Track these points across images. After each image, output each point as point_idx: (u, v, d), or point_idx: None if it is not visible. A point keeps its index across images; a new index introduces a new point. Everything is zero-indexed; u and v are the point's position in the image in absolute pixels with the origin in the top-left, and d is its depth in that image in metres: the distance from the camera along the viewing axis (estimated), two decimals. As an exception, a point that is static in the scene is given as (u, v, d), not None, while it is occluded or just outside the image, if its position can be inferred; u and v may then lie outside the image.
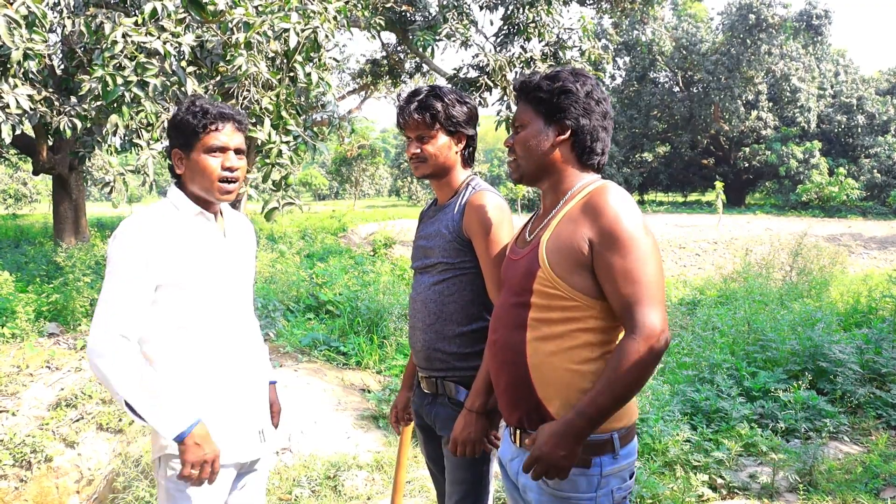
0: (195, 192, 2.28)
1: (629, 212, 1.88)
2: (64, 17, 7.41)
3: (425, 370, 2.57)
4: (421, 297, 2.56)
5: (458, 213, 2.47)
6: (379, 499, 4.33)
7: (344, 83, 19.67)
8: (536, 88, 2.04)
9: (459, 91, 2.58)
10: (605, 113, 2.04)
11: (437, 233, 2.53)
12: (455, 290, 2.49)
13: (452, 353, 2.49)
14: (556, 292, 1.94)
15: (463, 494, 2.47)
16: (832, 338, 6.10)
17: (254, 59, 6.17)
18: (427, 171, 2.53)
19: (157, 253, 2.13)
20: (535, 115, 2.05)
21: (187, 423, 2.12)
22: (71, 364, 5.79)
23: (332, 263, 11.64)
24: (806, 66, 40.33)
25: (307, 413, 5.37)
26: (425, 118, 2.47)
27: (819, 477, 4.26)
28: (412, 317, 2.61)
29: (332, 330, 7.55)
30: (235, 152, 2.28)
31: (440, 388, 2.53)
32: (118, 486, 4.53)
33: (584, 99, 2.00)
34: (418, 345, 2.56)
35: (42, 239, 14.65)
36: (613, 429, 1.93)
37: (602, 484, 1.93)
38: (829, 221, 29.87)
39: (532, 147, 2.05)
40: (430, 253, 2.55)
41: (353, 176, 47.64)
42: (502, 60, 11.48)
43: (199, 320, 2.22)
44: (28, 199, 36.60)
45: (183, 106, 2.26)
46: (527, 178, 2.10)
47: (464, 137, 2.55)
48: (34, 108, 6.67)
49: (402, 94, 2.98)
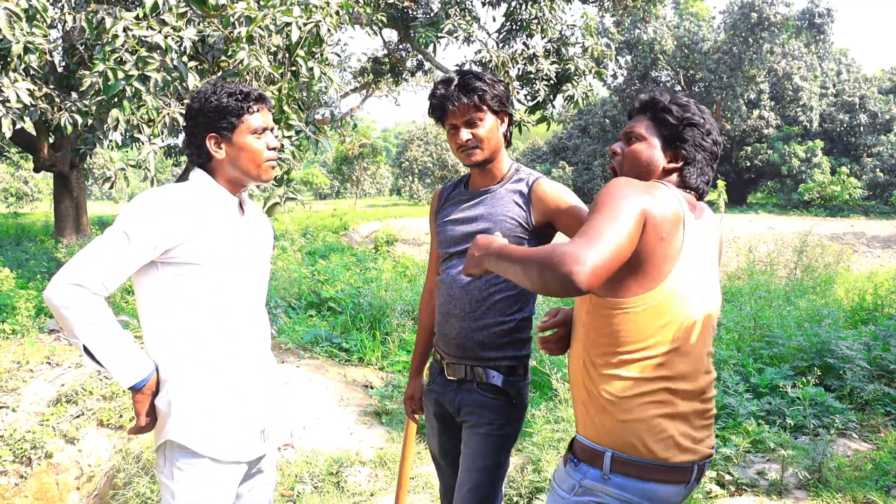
0: (233, 176, 2.27)
1: (612, 183, 1.85)
2: (65, 13, 7.37)
3: (457, 357, 2.50)
4: (461, 284, 2.47)
5: (524, 201, 2.42)
6: (382, 495, 4.29)
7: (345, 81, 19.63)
8: (666, 111, 2.03)
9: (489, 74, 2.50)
10: (715, 154, 2.05)
11: (488, 216, 2.45)
12: (503, 279, 2.42)
13: (490, 343, 2.45)
14: (592, 303, 1.95)
15: (479, 482, 2.43)
16: (839, 334, 6.05)
17: (255, 53, 6.13)
18: (485, 157, 2.45)
19: (170, 228, 2.10)
20: (654, 134, 2.05)
21: (145, 372, 2.12)
22: (71, 360, 5.75)
23: (334, 260, 11.61)
24: (808, 64, 40.29)
25: (309, 409, 5.33)
26: (473, 100, 2.39)
27: (828, 474, 4.21)
28: (447, 303, 2.51)
29: (335, 326, 7.51)
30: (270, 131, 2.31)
31: (469, 375, 2.48)
32: (118, 483, 4.49)
33: (706, 136, 2.02)
34: (453, 332, 2.49)
35: (43, 237, 14.64)
36: (608, 445, 1.89)
37: (578, 492, 1.92)
38: (831, 220, 29.83)
39: (642, 165, 2.04)
40: (474, 237, 2.41)
41: (355, 175, 47.62)
42: (505, 57, 11.44)
43: (214, 299, 2.19)
44: (29, 197, 36.59)
45: (209, 92, 2.23)
46: None
47: (506, 116, 2.48)
48: (35, 105, 6.63)
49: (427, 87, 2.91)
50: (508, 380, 2.46)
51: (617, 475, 1.87)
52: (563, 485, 1.96)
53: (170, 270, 2.14)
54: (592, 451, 1.91)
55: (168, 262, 2.13)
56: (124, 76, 5.90)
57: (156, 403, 2.18)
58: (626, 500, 1.87)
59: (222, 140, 2.23)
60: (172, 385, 2.16)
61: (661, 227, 1.81)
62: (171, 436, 2.16)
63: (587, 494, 1.90)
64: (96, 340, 2.05)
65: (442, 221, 2.61)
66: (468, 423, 2.49)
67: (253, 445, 2.29)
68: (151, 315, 2.17)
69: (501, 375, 2.44)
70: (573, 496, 1.91)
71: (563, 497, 1.94)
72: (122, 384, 2.12)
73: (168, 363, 2.17)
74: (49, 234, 15.26)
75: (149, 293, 2.17)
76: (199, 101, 2.23)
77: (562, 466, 1.99)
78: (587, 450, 1.92)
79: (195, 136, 2.24)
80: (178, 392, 2.16)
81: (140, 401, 2.14)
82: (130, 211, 2.10)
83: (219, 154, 2.24)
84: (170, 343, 2.17)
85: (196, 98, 2.24)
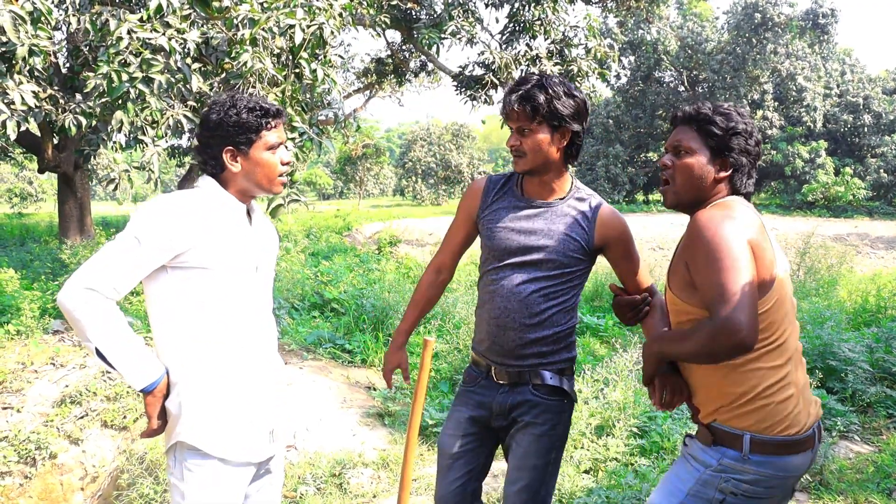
0: (245, 187, 2.31)
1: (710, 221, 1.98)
2: (69, 15, 7.39)
3: (512, 364, 2.54)
4: (520, 298, 2.48)
5: (586, 223, 2.49)
6: (384, 497, 4.30)
7: (349, 82, 19.65)
8: (710, 122, 2.12)
9: (569, 82, 2.46)
10: (759, 154, 2.16)
11: (549, 233, 2.48)
12: (562, 293, 2.51)
13: (546, 350, 2.52)
14: (677, 308, 2.14)
15: (531, 480, 2.50)
16: (842, 336, 6.06)
17: (259, 55, 6.15)
18: (527, 167, 2.46)
19: (179, 233, 2.13)
20: (702, 145, 2.15)
21: (156, 374, 2.15)
22: (75, 361, 5.77)
23: (338, 262, 11.62)
24: (812, 65, 40.19)
25: (312, 410, 5.34)
26: (525, 110, 2.39)
27: (830, 476, 4.22)
28: (503, 315, 2.51)
29: (338, 328, 7.53)
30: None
31: (523, 378, 2.54)
32: (122, 484, 4.51)
33: (749, 140, 2.13)
34: (510, 344, 2.51)
35: (47, 237, 14.65)
36: (746, 428, 2.04)
37: (716, 468, 2.06)
38: (835, 221, 29.77)
39: (695, 178, 2.15)
40: (535, 251, 2.47)
41: (358, 175, 47.63)
42: (508, 58, 11.45)
43: (222, 303, 2.22)
44: (33, 197, 36.67)
45: (227, 105, 2.25)
46: (682, 204, 2.20)
47: (568, 133, 2.44)
48: (39, 106, 6.65)
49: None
50: (562, 379, 2.56)
51: (756, 454, 2.03)
52: (698, 458, 2.11)
53: (179, 275, 2.17)
54: (731, 435, 2.05)
55: (177, 267, 2.16)
56: (128, 78, 5.92)
57: (166, 405, 2.21)
58: (765, 476, 2.03)
59: (238, 154, 2.26)
60: (182, 387, 2.19)
61: (761, 244, 2.00)
62: (181, 437, 2.19)
63: (725, 472, 2.05)
64: (108, 343, 2.08)
65: (494, 224, 2.57)
66: (521, 424, 2.55)
67: (262, 447, 2.32)
68: (161, 318, 2.21)
69: (557, 376, 2.54)
70: (709, 471, 2.07)
71: (697, 469, 2.10)
72: (133, 386, 2.16)
73: (178, 366, 2.20)
74: (53, 234, 15.29)
75: (158, 297, 2.20)
76: (217, 114, 2.24)
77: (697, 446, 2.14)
78: (725, 433, 2.07)
79: (211, 147, 2.27)
80: (188, 394, 2.19)
81: (151, 403, 2.17)
82: (141, 216, 2.13)
83: (234, 167, 2.27)
84: (179, 346, 2.20)
85: (215, 110, 2.26)
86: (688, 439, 2.21)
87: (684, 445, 2.22)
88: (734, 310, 1.83)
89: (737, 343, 1.83)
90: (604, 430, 4.74)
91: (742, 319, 1.82)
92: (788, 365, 2.05)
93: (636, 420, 4.75)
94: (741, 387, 2.02)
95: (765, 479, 2.03)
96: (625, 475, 4.20)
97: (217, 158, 2.27)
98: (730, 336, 1.82)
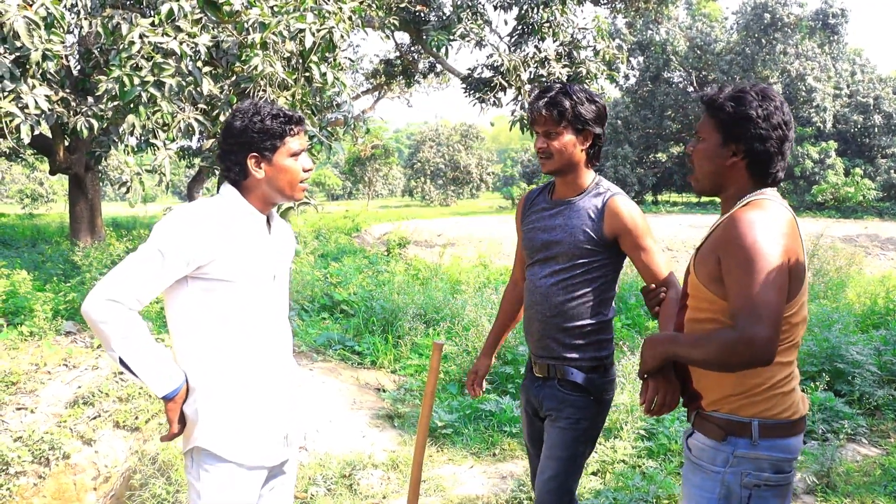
0: (267, 194, 2.33)
1: (750, 227, 1.96)
2: (81, 19, 7.46)
3: (539, 357, 2.74)
4: (541, 290, 2.69)
5: (597, 215, 2.61)
6: (394, 498, 4.34)
7: (358, 83, 19.69)
8: (720, 108, 2.12)
9: (590, 90, 2.66)
10: (783, 137, 2.10)
11: (565, 227, 2.65)
12: (580, 285, 2.64)
13: (569, 344, 2.66)
14: (701, 296, 2.12)
15: (557, 471, 2.65)
16: (849, 339, 6.05)
17: (269, 59, 6.20)
18: (553, 168, 2.65)
19: (201, 246, 2.17)
20: (715, 131, 2.14)
21: (177, 382, 2.20)
22: (88, 362, 5.83)
23: (347, 263, 11.65)
24: (822, 65, 40.02)
25: (322, 412, 5.38)
26: (553, 115, 2.58)
27: (837, 479, 4.23)
28: (530, 306, 2.74)
29: (347, 329, 7.56)
30: None
31: (551, 373, 2.70)
32: (135, 484, 4.56)
33: (763, 124, 2.07)
34: (536, 333, 2.73)
35: (59, 238, 14.75)
36: (754, 415, 2.06)
37: (733, 463, 2.07)
38: (844, 222, 29.63)
39: (709, 162, 2.17)
40: (554, 246, 2.66)
41: (367, 176, 47.74)
42: (516, 60, 11.46)
43: (242, 314, 2.26)
44: (45, 198, 36.88)
45: (251, 112, 2.28)
46: (704, 190, 2.23)
47: (590, 136, 2.65)
48: (52, 109, 6.72)
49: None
50: (588, 377, 2.67)
51: (765, 439, 2.06)
52: (715, 461, 2.10)
53: (200, 286, 2.21)
54: (739, 424, 2.07)
55: (199, 278, 2.20)
56: (140, 82, 5.98)
57: (184, 410, 2.26)
58: (775, 459, 2.07)
59: (262, 160, 2.29)
60: (200, 394, 2.24)
61: (795, 251, 2.00)
62: (198, 442, 2.25)
63: (741, 464, 2.07)
64: (131, 353, 2.14)
65: (527, 228, 2.80)
66: (550, 417, 2.72)
67: (277, 451, 2.37)
68: (181, 328, 2.25)
69: (582, 373, 2.66)
70: (729, 468, 2.08)
71: (717, 471, 2.09)
72: (155, 394, 2.21)
73: (196, 373, 2.25)
74: (64, 235, 15.38)
75: (180, 308, 2.24)
76: (242, 121, 2.27)
77: (705, 445, 2.13)
78: (732, 423, 2.08)
79: (234, 153, 2.29)
80: (205, 401, 2.24)
81: (172, 409, 2.23)
82: (164, 227, 2.17)
83: (258, 174, 2.29)
84: (199, 355, 2.24)
85: (238, 116, 2.28)
86: (691, 443, 2.20)
87: (688, 450, 2.21)
88: (760, 326, 1.84)
89: (755, 358, 1.85)
90: (611, 432, 4.77)
91: (765, 336, 1.83)
92: (796, 358, 2.11)
93: (643, 422, 4.77)
94: (756, 378, 2.04)
95: (778, 463, 2.07)
96: (632, 477, 4.23)
97: (241, 165, 2.29)
98: (751, 351, 1.84)
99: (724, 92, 2.14)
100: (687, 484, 2.21)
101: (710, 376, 2.12)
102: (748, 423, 2.06)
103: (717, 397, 2.11)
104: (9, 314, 6.95)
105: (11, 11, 5.48)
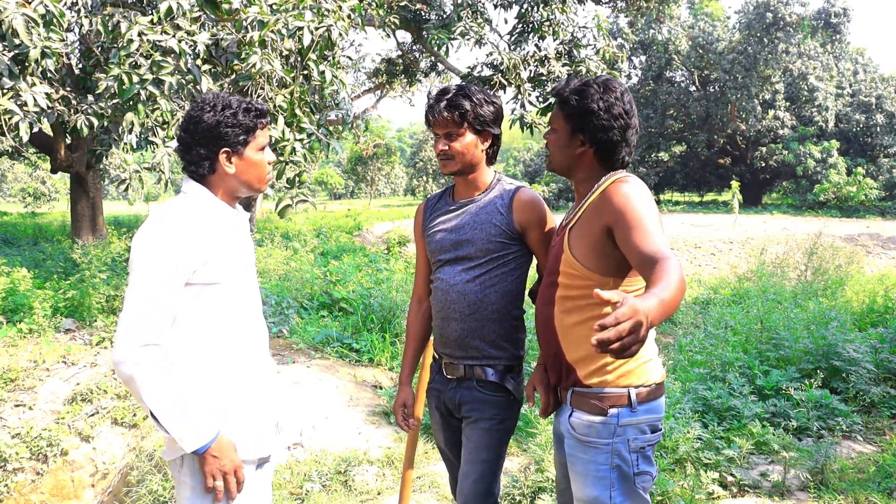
0: (234, 188, 2.30)
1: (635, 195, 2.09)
2: (81, 17, 7.47)
3: (457, 358, 2.68)
4: (457, 289, 2.64)
5: (505, 209, 2.61)
6: (389, 494, 4.35)
7: (359, 82, 19.72)
8: (566, 102, 2.26)
9: (487, 91, 2.67)
10: (624, 126, 2.23)
11: (474, 224, 2.63)
12: (496, 281, 2.62)
13: (489, 341, 2.62)
14: (575, 272, 2.21)
15: (482, 473, 2.62)
16: (846, 336, 6.06)
17: (268, 57, 6.21)
18: (455, 169, 2.64)
19: (192, 253, 2.13)
20: (564, 122, 2.30)
21: (208, 436, 2.14)
22: (86, 359, 5.85)
23: (346, 261, 11.68)
24: (824, 64, 39.98)
25: (319, 409, 5.40)
26: (454, 116, 2.58)
27: (831, 476, 4.24)
28: (445, 308, 2.67)
29: (346, 327, 7.58)
30: None
31: (469, 373, 2.66)
32: (132, 480, 4.58)
33: (605, 115, 2.21)
34: (453, 335, 2.66)
35: (60, 237, 14.78)
36: (630, 385, 2.20)
37: (619, 432, 2.18)
38: (846, 221, 29.60)
39: (561, 151, 2.33)
40: (465, 244, 2.63)
41: (369, 175, 47.72)
42: (516, 59, 11.46)
43: (232, 315, 2.25)
44: (46, 197, 36.91)
45: (221, 106, 2.22)
46: (558, 172, 2.40)
47: (490, 136, 2.66)
48: (52, 107, 6.74)
49: (430, 92, 3.00)
50: (506, 376, 2.65)
51: (642, 404, 2.21)
52: (603, 434, 2.20)
53: (189, 290, 2.16)
54: (616, 396, 2.20)
55: (190, 284, 2.16)
56: (139, 80, 5.99)
57: None
58: (652, 420, 2.23)
59: (234, 154, 2.25)
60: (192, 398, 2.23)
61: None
62: None
63: (626, 431, 2.19)
64: (162, 406, 2.07)
65: (431, 231, 2.77)
66: (470, 419, 2.67)
67: (270, 440, 2.38)
68: (171, 332, 2.19)
69: (499, 373, 2.63)
70: (616, 437, 2.19)
71: (607, 443, 2.19)
72: (185, 449, 2.13)
73: (187, 373, 2.20)
74: (66, 234, 15.41)
75: None
76: (213, 114, 2.21)
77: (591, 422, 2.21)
78: (609, 396, 2.20)
79: (203, 148, 2.23)
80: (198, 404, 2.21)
81: (203, 463, 2.16)
82: (151, 246, 2.11)
83: (229, 168, 2.25)
84: (189, 356, 2.21)
85: (208, 110, 2.21)
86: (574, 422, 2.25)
87: (571, 429, 2.26)
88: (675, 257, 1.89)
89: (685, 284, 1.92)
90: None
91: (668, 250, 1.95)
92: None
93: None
94: None
95: (654, 423, 2.22)
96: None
97: (211, 160, 2.24)
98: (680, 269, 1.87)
99: (570, 85, 2.26)
100: (577, 462, 2.26)
101: (584, 348, 2.20)
102: (625, 393, 2.19)
103: (592, 368, 2.21)
104: (8, 311, 6.97)
105: (10, 9, 5.49)
